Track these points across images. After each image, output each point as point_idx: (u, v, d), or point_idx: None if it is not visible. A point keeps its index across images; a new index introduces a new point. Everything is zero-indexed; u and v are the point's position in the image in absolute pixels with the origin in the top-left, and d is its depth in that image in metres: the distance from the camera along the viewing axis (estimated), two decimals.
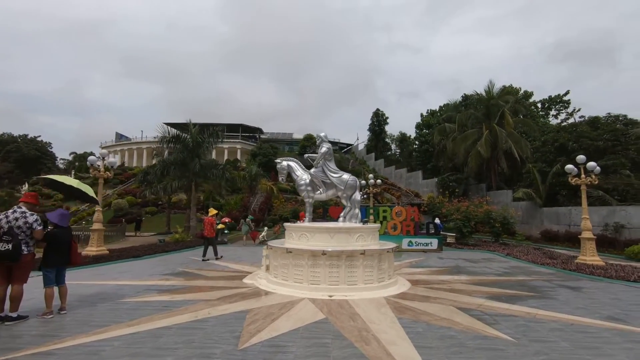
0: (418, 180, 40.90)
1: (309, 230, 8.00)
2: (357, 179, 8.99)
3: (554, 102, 38.80)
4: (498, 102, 29.90)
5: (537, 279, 9.47)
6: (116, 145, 60.51)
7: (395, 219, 16.48)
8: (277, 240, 9.34)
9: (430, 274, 10.05)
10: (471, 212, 18.42)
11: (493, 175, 30.72)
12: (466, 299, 6.98)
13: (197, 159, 21.41)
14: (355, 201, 8.81)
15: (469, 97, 36.15)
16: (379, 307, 6.26)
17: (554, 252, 14.76)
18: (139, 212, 39.11)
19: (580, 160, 11.96)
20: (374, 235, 8.38)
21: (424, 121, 44.46)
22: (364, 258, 7.46)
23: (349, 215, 8.78)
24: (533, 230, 23.77)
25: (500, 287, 8.34)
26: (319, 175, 8.88)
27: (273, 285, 7.84)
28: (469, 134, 30.86)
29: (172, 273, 9.63)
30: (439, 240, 16.06)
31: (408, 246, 16.01)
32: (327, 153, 8.88)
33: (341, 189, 8.78)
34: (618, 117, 24.79)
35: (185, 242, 16.90)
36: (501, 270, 10.89)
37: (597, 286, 8.66)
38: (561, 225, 22.01)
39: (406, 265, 11.92)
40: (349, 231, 7.90)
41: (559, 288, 8.29)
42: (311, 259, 7.42)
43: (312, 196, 9.03)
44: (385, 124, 56.26)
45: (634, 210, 18.08)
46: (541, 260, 12.45)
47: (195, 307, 6.06)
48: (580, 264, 11.28)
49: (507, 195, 27.60)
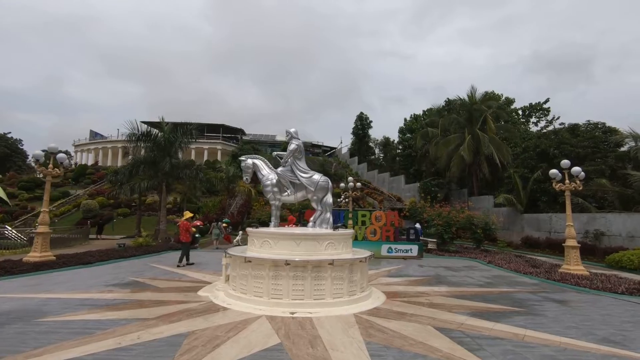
0: (400, 184, 40.48)
1: (272, 236, 7.07)
2: (329, 180, 8.14)
3: (535, 110, 39.17)
4: (481, 107, 29.77)
5: (522, 291, 8.81)
6: (90, 143, 57.89)
7: (374, 223, 15.71)
8: (238, 248, 8.36)
9: (409, 285, 9.26)
10: (452, 218, 17.87)
11: (475, 181, 30.51)
12: (446, 316, 6.19)
13: (168, 158, 20.13)
14: (327, 204, 7.94)
15: (451, 102, 36.03)
16: (346, 328, 5.39)
17: (537, 260, 14.28)
18: (111, 213, 37.21)
19: (564, 165, 11.49)
20: (346, 242, 7.52)
21: (407, 125, 44.22)
22: (332, 269, 6.58)
23: (320, 220, 7.91)
24: (514, 237, 23.49)
25: (483, 300, 7.61)
26: (287, 175, 7.98)
27: (230, 300, 6.86)
28: (452, 138, 30.60)
29: (119, 283, 8.50)
30: (420, 247, 15.37)
31: (387, 253, 15.26)
32: (297, 150, 7.99)
33: (311, 191, 7.89)
34: (597, 124, 24.92)
35: (150, 247, 15.62)
36: (483, 281, 10.21)
37: (585, 299, 8.05)
38: (542, 232, 21.78)
39: (384, 273, 11.12)
40: (317, 238, 7.02)
41: (546, 302, 7.62)
42: (273, 270, 6.49)
43: (278, 198, 8.11)
44: (369, 128, 55.81)
45: (614, 217, 17.92)
46: (524, 269, 11.89)
47: (124, 330, 5.03)
48: (565, 273, 10.75)
49: (489, 200, 27.38)
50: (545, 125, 37.92)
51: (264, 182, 8.20)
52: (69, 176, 48.88)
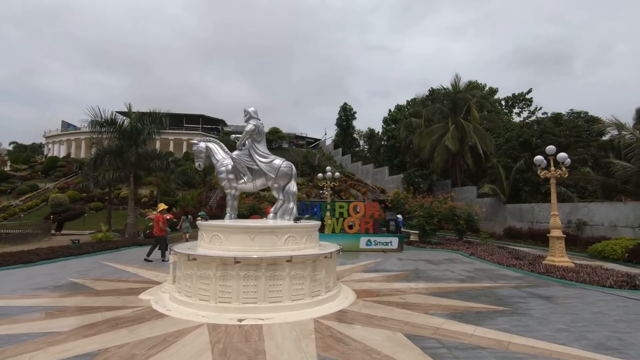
0: (384, 176, 39.88)
1: (223, 230, 6.09)
2: (293, 166, 7.19)
3: (517, 100, 38.99)
4: (465, 96, 29.20)
5: (505, 286, 8.12)
6: (62, 134, 55.17)
7: (353, 215, 14.88)
8: (186, 244, 7.34)
9: (384, 281, 8.45)
10: (434, 209, 17.22)
11: (458, 171, 30.08)
12: (421, 319, 5.37)
13: (134, 147, 18.75)
14: (290, 193, 6.99)
15: (435, 92, 35.41)
16: (301, 338, 4.49)
17: (520, 252, 13.74)
18: (82, 207, 35.40)
19: (550, 151, 10.84)
20: (311, 236, 6.61)
21: (391, 116, 43.51)
22: (291, 266, 5.66)
23: (282, 211, 6.97)
24: (497, 227, 23.14)
25: (464, 297, 6.85)
26: (244, 160, 6.98)
27: (173, 304, 5.88)
28: (435, 128, 30.00)
29: (52, 286, 7.39)
30: (400, 239, 14.64)
31: (366, 246, 14.47)
32: (255, 132, 6.99)
33: (272, 178, 6.93)
34: (580, 113, 24.69)
35: (110, 242, 14.39)
36: (464, 275, 9.51)
37: (573, 294, 7.40)
38: (524, 223, 21.45)
39: (360, 268, 10.31)
40: (275, 231, 6.07)
41: (531, 298, 6.92)
42: (221, 269, 5.53)
43: (234, 186, 7.12)
44: (353, 119, 54.96)
45: (596, 207, 17.62)
46: (507, 262, 11.27)
47: (17, 350, 4.00)
48: (549, 265, 10.15)
49: (472, 191, 26.97)
50: (528, 116, 37.79)
51: (217, 168, 7.19)
52: (38, 169, 46.48)
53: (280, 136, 53.89)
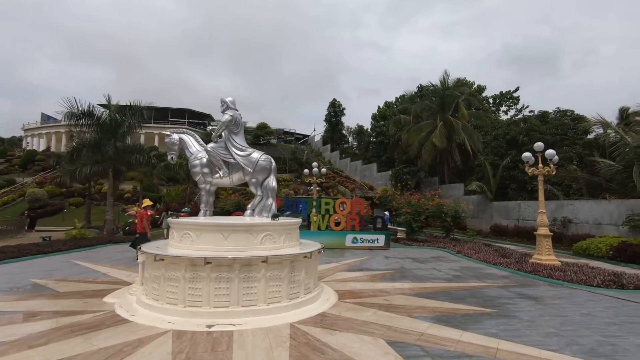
0: (373, 172, 39.72)
1: (194, 227, 5.65)
2: (272, 160, 6.77)
3: (505, 98, 39.24)
4: (453, 92, 29.13)
5: (492, 285, 7.89)
6: (41, 127, 53.30)
7: (338, 212, 14.55)
8: (155, 242, 6.86)
9: (368, 281, 8.13)
10: (421, 206, 17.02)
11: (446, 169, 30.08)
12: (405, 323, 5.05)
13: (112, 141, 18.00)
14: (269, 189, 6.57)
15: (424, 88, 35.29)
16: (273, 346, 4.11)
17: (506, 250, 13.63)
18: (62, 203, 34.27)
19: (538, 148, 10.69)
20: (290, 234, 6.22)
21: (380, 112, 43.31)
22: (267, 267, 5.26)
23: (260, 208, 6.55)
24: (483, 225, 23.16)
25: (450, 298, 6.57)
26: (220, 153, 6.52)
27: (139, 308, 5.43)
28: (423, 125, 29.88)
29: (11, 288, 6.83)
30: (386, 237, 14.38)
31: (352, 243, 14.16)
32: (232, 122, 6.53)
33: (249, 172, 6.49)
34: (566, 112, 24.84)
35: (84, 239, 13.73)
36: (451, 274, 9.27)
37: (561, 294, 7.20)
38: (510, 220, 21.49)
39: (344, 267, 9.97)
40: (251, 229, 5.66)
41: (519, 299, 6.69)
42: (190, 270, 5.10)
43: (209, 181, 6.67)
44: (341, 115, 54.62)
45: (581, 205, 17.69)
46: (494, 260, 11.10)
47: None
48: (536, 264, 10.01)
49: (460, 188, 26.96)
50: (515, 114, 38.06)
51: (191, 161, 6.72)
52: (16, 163, 44.79)
53: (268, 132, 53.12)
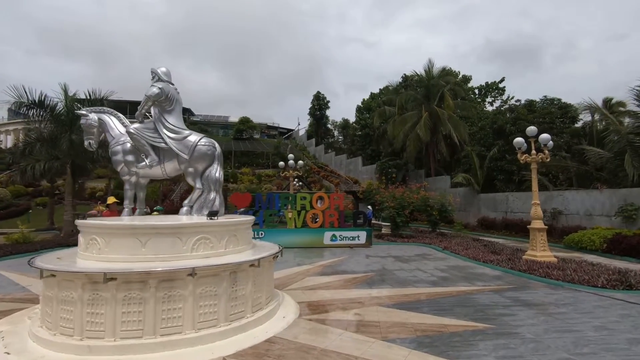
0: (358, 166, 38.68)
1: (103, 231, 4.30)
2: (216, 145, 5.48)
3: (490, 89, 38.55)
4: (438, 82, 28.14)
5: (483, 289, 6.80)
6: (9, 123, 50.31)
7: (316, 207, 13.31)
8: (67, 251, 5.44)
9: (341, 287, 6.94)
10: (406, 199, 15.95)
11: (432, 161, 29.19)
12: (376, 351, 3.86)
13: (68, 134, 16.29)
14: (211, 180, 5.28)
15: (408, 78, 34.27)
16: None
17: (496, 245, 12.67)
18: (28, 203, 32.16)
19: (530, 133, 9.66)
20: (237, 236, 4.94)
21: (364, 104, 42.17)
22: (196, 282, 3.99)
23: (199, 204, 5.25)
24: (470, 218, 22.35)
25: (435, 309, 5.43)
26: (147, 136, 5.17)
27: (26, 341, 4.08)
28: (408, 116, 28.85)
29: None
30: (368, 233, 13.24)
31: (331, 241, 12.99)
32: (162, 97, 5.18)
33: (184, 160, 5.18)
34: (553, 100, 24.16)
35: (28, 244, 12.15)
36: (437, 275, 8.16)
37: (563, 298, 6.15)
38: (498, 213, 20.70)
39: (317, 270, 8.76)
40: (179, 232, 4.35)
41: (517, 307, 5.59)
42: (89, 290, 3.78)
43: (134, 171, 5.32)
44: (326, 108, 53.34)
45: (571, 195, 16.92)
46: (484, 257, 10.08)
47: None
48: (530, 261, 9.01)
49: (446, 181, 26.10)
50: (501, 105, 37.42)
51: (112, 147, 5.37)
52: None
53: (251, 126, 51.47)
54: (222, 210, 5.37)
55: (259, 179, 39.28)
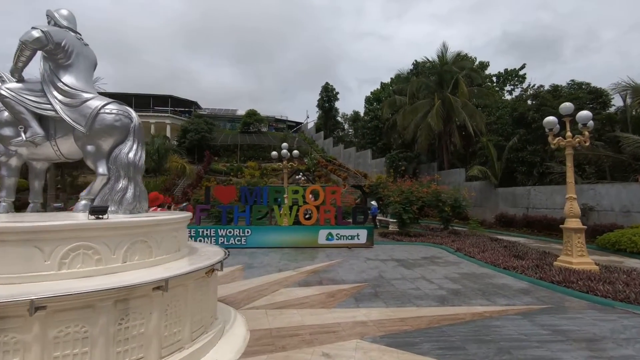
0: (367, 159, 36.89)
1: None
2: (132, 112, 3.97)
3: (510, 76, 36.00)
4: (452, 68, 26.05)
5: (508, 310, 5.12)
6: None
7: (310, 202, 11.76)
8: None
9: (318, 305, 5.36)
10: (414, 194, 14.21)
11: (445, 153, 27.18)
12: None
13: None
14: (121, 163, 3.76)
15: (420, 65, 32.14)
16: None
17: (518, 246, 10.85)
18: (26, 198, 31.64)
19: (565, 111, 7.80)
20: (150, 243, 3.40)
21: (374, 95, 40.23)
22: (47, 321, 2.49)
23: (102, 197, 3.73)
24: (487, 214, 20.39)
25: (440, 347, 3.81)
26: (28, 101, 3.67)
27: None
28: (420, 105, 26.88)
29: None
30: (369, 232, 11.61)
31: (327, 240, 11.41)
32: (44, 43, 3.65)
33: (81, 134, 3.68)
34: (581, 85, 21.79)
35: None
36: (446, 287, 6.50)
37: (624, 329, 4.41)
38: (518, 209, 18.72)
39: (298, 278, 7.20)
40: (37, 238, 2.83)
41: (557, 344, 3.91)
42: None
43: (12, 151, 3.83)
44: (335, 100, 51.48)
45: (605, 189, 14.86)
46: (504, 262, 8.33)
47: None
48: (565, 268, 7.24)
49: (460, 174, 24.09)
50: (521, 94, 34.89)
51: None
52: None
53: (258, 119, 50.09)
54: (141, 205, 3.86)
55: (264, 172, 38.00)
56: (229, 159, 42.81)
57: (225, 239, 11.16)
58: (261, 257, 9.69)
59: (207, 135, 42.50)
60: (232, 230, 11.21)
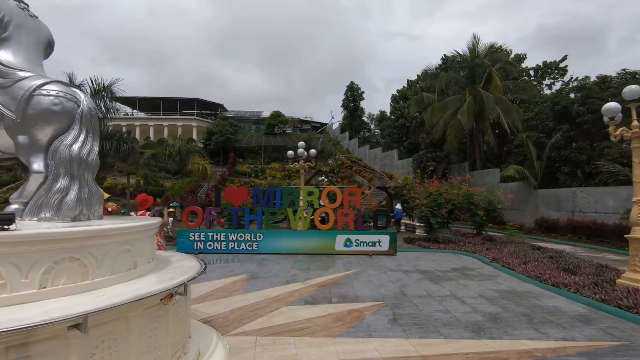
0: (393, 160, 35.46)
1: None
2: (79, 94, 3.22)
3: (549, 69, 33.30)
4: (484, 61, 24.23)
5: (567, 348, 3.93)
6: None
7: (326, 205, 10.81)
8: None
9: (320, 333, 4.40)
10: (443, 195, 12.91)
11: (477, 152, 25.36)
12: None
13: None
14: (62, 157, 2.99)
15: (449, 59, 30.33)
16: None
17: (567, 257, 9.32)
18: None
19: (630, 95, 6.37)
20: (87, 261, 2.60)
21: (400, 93, 38.66)
22: None
23: (36, 200, 2.98)
24: (525, 218, 18.58)
25: None
26: None
27: None
28: (449, 101, 25.27)
29: None
30: (392, 238, 10.49)
31: (345, 247, 10.42)
32: None
33: (11, 122, 2.96)
34: (635, 74, 19.46)
35: None
36: (482, 310, 5.34)
37: None
38: (562, 212, 16.84)
39: (305, 293, 6.28)
40: None
41: None
42: None
43: None
44: (360, 99, 50.27)
45: None
46: (553, 277, 6.99)
47: None
48: (633, 289, 5.85)
49: (494, 174, 22.26)
50: (562, 88, 32.17)
51: None
52: None
53: (282, 120, 49.79)
54: (90, 210, 3.09)
55: (288, 174, 37.49)
56: (253, 160, 42.76)
57: (236, 244, 10.45)
58: (271, 265, 8.86)
59: (231, 137, 42.63)
60: (243, 234, 10.47)
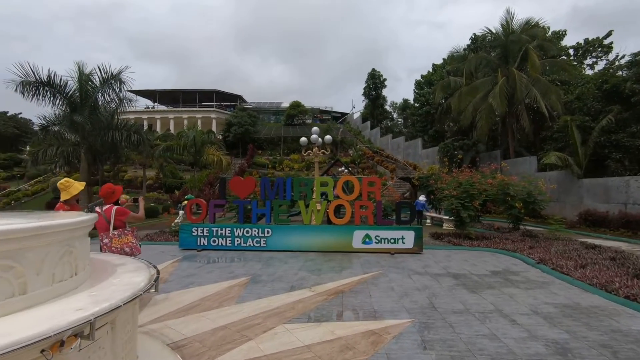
0: (417, 149, 33.64)
1: None
2: None
3: (592, 47, 30.21)
4: (520, 37, 21.97)
5: None
6: None
7: (342, 197, 9.61)
8: None
9: None
10: (475, 186, 11.40)
11: (511, 139, 23.26)
12: None
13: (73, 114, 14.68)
14: None
15: (479, 39, 28.03)
16: None
17: (631, 257, 7.70)
18: None
19: None
20: None
21: (425, 78, 36.53)
22: None
23: None
24: (567, 211, 16.69)
25: None
26: None
27: None
28: (479, 84, 23.25)
29: None
30: (417, 234, 9.18)
31: (363, 244, 9.21)
32: None
33: None
34: None
35: None
36: (541, 335, 4.02)
37: None
38: (612, 204, 14.91)
39: (313, 303, 5.15)
40: None
41: None
42: None
43: None
44: (382, 87, 48.24)
45: None
46: (624, 286, 5.52)
47: None
48: None
49: (531, 163, 20.23)
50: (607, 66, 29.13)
51: None
52: None
53: (302, 110, 48.70)
54: None
55: (307, 165, 36.47)
56: (272, 152, 42.03)
57: (243, 240, 9.46)
58: (278, 264, 7.80)
59: (250, 129, 42.00)
60: (250, 230, 9.47)
